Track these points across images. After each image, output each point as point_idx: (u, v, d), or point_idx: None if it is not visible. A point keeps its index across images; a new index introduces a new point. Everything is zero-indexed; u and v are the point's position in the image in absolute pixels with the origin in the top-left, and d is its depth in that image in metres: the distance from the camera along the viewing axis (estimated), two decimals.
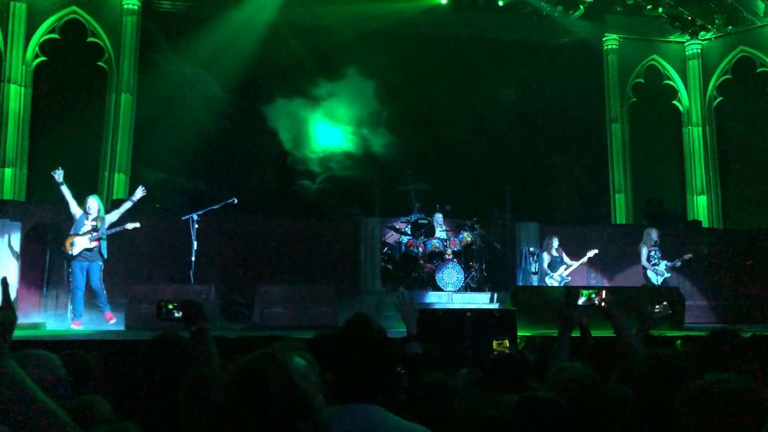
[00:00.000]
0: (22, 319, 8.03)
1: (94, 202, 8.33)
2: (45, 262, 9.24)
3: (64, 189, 8.26)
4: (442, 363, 3.47)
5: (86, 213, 8.27)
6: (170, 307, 3.09)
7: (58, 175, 8.23)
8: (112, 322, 8.15)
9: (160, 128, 13.25)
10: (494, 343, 5.54)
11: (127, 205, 8.57)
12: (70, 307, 8.42)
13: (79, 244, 8.16)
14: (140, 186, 8.81)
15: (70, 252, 8.16)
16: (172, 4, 14.05)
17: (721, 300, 11.55)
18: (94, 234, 8.18)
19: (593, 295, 3.47)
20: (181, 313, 3.02)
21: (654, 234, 10.46)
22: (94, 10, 13.12)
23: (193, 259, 8.77)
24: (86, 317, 8.23)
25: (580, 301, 3.45)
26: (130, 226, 8.41)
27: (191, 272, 8.75)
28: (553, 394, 2.43)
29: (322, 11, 14.15)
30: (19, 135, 12.39)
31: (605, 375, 3.06)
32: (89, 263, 8.18)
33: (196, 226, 8.84)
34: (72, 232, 8.27)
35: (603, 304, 3.46)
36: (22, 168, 12.41)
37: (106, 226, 8.31)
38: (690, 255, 10.46)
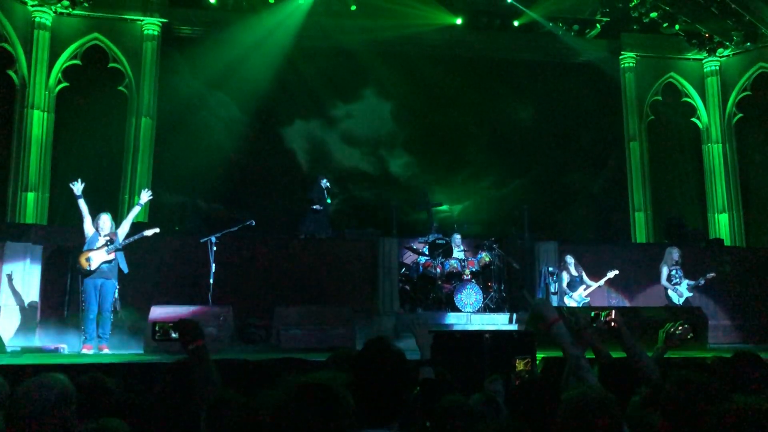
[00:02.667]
0: (42, 343, 8.10)
1: (106, 220, 8.12)
2: (66, 285, 9.29)
3: (82, 203, 8.05)
4: (456, 387, 3.44)
5: (98, 231, 8.05)
6: (166, 327, 3.03)
7: (77, 187, 8.08)
8: (104, 351, 7.81)
9: (179, 151, 13.41)
10: (518, 363, 5.41)
11: (136, 209, 8.50)
12: (82, 328, 8.05)
13: (96, 258, 7.89)
14: (145, 189, 8.84)
15: (87, 268, 7.86)
16: (191, 29, 14.26)
17: (745, 319, 11.34)
18: (111, 246, 7.94)
19: (604, 316, 3.59)
20: (177, 334, 2.99)
21: (675, 254, 10.34)
22: (115, 36, 13.38)
23: (212, 281, 8.78)
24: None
25: (595, 324, 3.57)
26: (149, 232, 8.18)
27: (209, 294, 8.76)
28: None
29: (338, 34, 14.28)
30: (41, 160, 12.59)
31: (625, 398, 3.00)
32: (104, 281, 7.91)
33: (215, 248, 8.86)
34: (86, 248, 7.98)
35: (614, 324, 3.53)
36: (44, 192, 12.59)
37: (120, 239, 8.07)
38: (713, 274, 10.30)
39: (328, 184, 11.68)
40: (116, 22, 13.41)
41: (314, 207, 11.48)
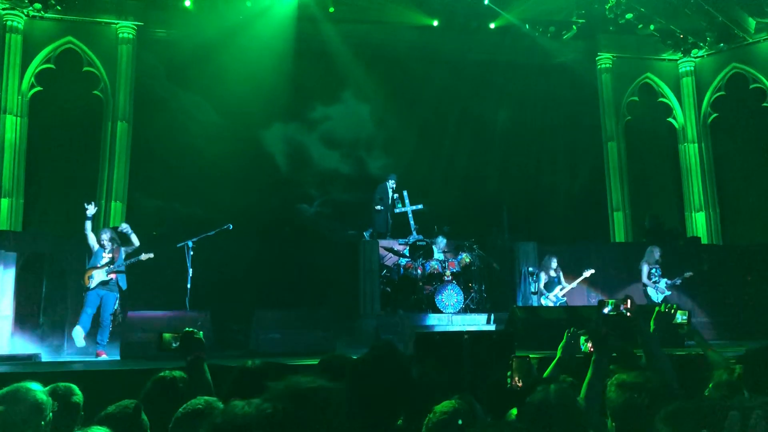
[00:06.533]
0: (16, 351, 7.96)
1: (106, 239, 8.63)
2: (41, 293, 9.16)
3: (88, 224, 8.59)
4: (440, 387, 3.39)
5: (102, 246, 8.55)
6: (168, 338, 3.30)
7: (90, 210, 8.58)
8: (101, 357, 8.03)
9: (156, 155, 13.26)
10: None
11: (134, 238, 8.72)
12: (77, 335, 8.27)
13: (97, 277, 8.45)
14: (122, 224, 9.11)
15: (88, 285, 8.43)
16: (167, 32, 14.10)
17: (722, 316, 11.45)
18: (111, 267, 8.47)
19: (617, 304, 3.21)
20: (178, 344, 3.21)
21: (657, 253, 10.48)
22: (89, 39, 13.21)
23: (189, 285, 8.71)
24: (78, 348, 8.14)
25: (606, 310, 3.19)
26: (144, 257, 8.66)
27: (187, 299, 8.68)
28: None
29: (316, 36, 14.25)
30: (15, 165, 12.39)
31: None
32: (106, 292, 8.44)
33: (192, 252, 8.80)
34: (90, 265, 8.53)
35: (629, 313, 3.17)
36: (19, 198, 12.40)
37: (123, 256, 8.59)
38: (690, 273, 10.42)
39: (393, 185, 12.08)
40: (90, 25, 13.25)
41: (376, 208, 11.94)
